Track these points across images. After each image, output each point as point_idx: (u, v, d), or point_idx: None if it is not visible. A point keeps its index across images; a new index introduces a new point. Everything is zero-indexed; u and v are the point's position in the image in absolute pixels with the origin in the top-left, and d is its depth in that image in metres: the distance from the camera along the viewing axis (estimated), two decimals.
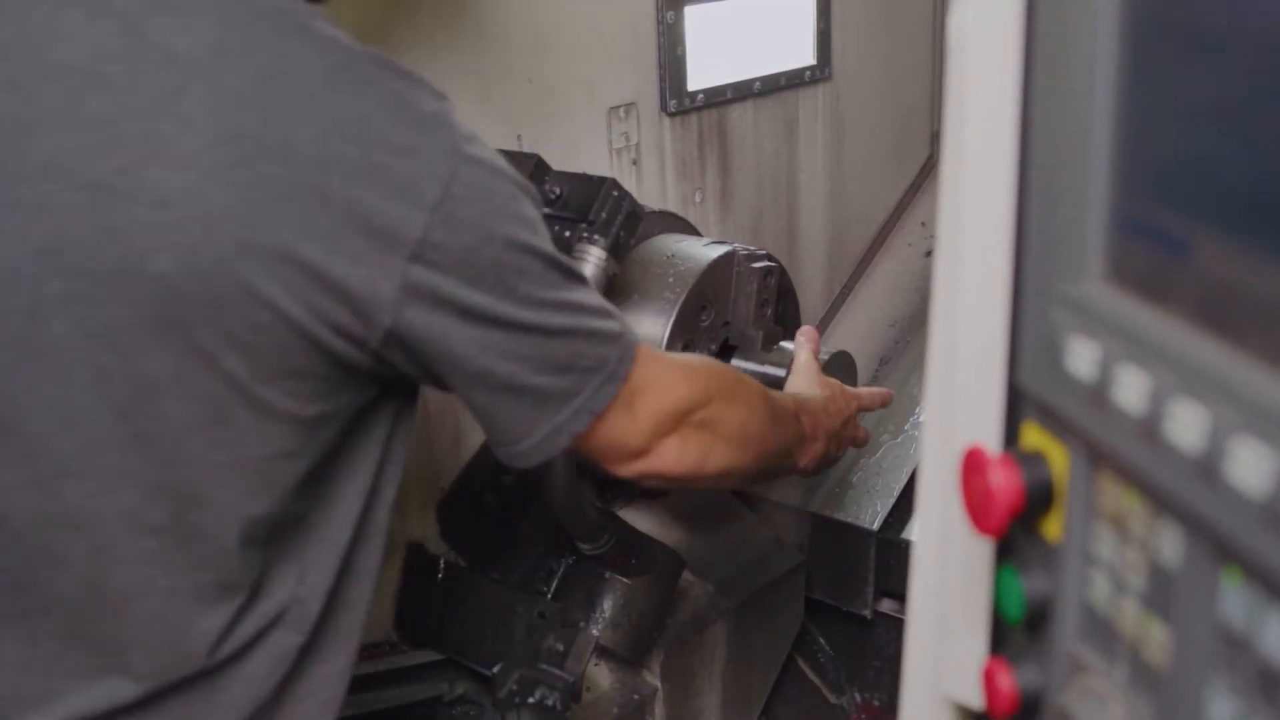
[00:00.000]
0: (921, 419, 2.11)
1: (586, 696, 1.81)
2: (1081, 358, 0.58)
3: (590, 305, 1.10)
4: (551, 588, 1.76)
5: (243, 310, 0.94)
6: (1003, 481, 0.61)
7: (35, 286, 0.93)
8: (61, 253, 0.92)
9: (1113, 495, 0.58)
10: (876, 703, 2.18)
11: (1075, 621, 0.62)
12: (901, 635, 0.78)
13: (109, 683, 1.02)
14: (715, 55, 2.08)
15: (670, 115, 2.01)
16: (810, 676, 2.26)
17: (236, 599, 1.04)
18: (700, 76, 2.05)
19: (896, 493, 2.11)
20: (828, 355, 1.84)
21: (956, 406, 0.69)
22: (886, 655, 2.14)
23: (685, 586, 1.96)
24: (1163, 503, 0.54)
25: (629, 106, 1.95)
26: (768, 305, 1.88)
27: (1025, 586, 0.64)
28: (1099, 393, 0.56)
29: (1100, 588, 0.60)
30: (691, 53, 2.02)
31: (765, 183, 2.24)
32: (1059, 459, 0.62)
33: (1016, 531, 0.65)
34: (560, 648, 1.76)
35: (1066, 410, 0.60)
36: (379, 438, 1.11)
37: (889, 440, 2.20)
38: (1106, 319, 0.57)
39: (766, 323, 1.88)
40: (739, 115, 2.15)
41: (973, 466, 0.62)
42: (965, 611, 0.71)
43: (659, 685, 1.89)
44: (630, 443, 1.18)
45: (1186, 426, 0.51)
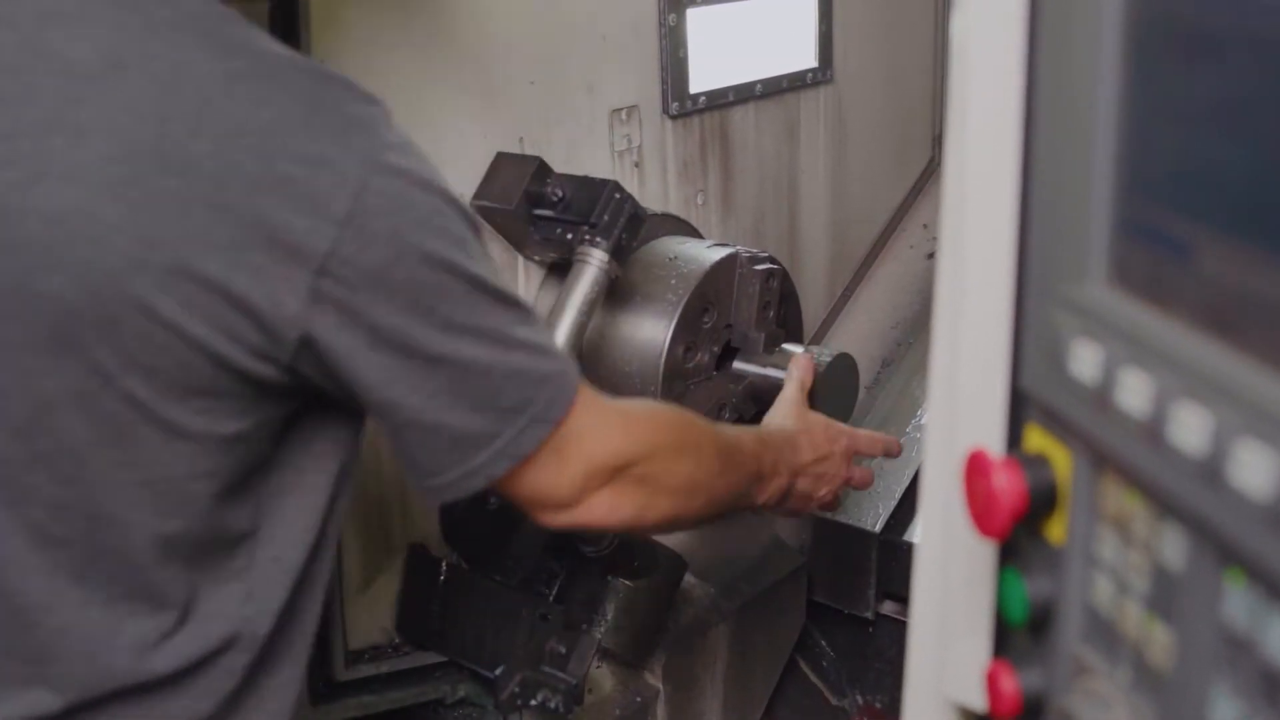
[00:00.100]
0: (923, 421, 2.11)
1: (588, 699, 1.81)
2: (1085, 360, 0.58)
3: (522, 339, 1.02)
4: (554, 590, 1.76)
5: (140, 329, 0.91)
6: (1006, 484, 0.61)
7: None
8: None
9: (1116, 497, 0.58)
10: (878, 705, 2.18)
11: (1078, 623, 0.62)
12: (903, 638, 0.78)
13: (32, 693, 0.99)
14: (717, 58, 2.08)
15: (672, 118, 2.01)
16: (812, 679, 2.26)
17: (164, 614, 1.01)
18: (702, 79, 2.05)
19: (898, 495, 2.11)
20: (830, 357, 1.84)
21: (959, 409, 0.69)
22: (888, 658, 2.14)
23: (687, 589, 1.96)
24: (1166, 505, 0.55)
25: (631, 109, 1.95)
26: (770, 307, 1.88)
27: (1028, 588, 0.64)
28: (1102, 395, 0.56)
29: (1103, 590, 0.60)
30: (693, 55, 2.02)
31: (767, 185, 2.24)
32: (1062, 461, 0.62)
33: (1019, 534, 0.65)
34: (562, 650, 1.76)
35: (1070, 413, 0.60)
36: (331, 452, 1.06)
37: None
38: (1109, 321, 0.57)
39: (769, 325, 1.88)
40: (741, 118, 2.15)
41: (976, 469, 0.62)
42: (968, 613, 0.71)
43: (661, 687, 1.89)
44: (556, 493, 1.09)
45: (1189, 429, 0.51)
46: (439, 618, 1.79)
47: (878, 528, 2.08)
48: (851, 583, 2.12)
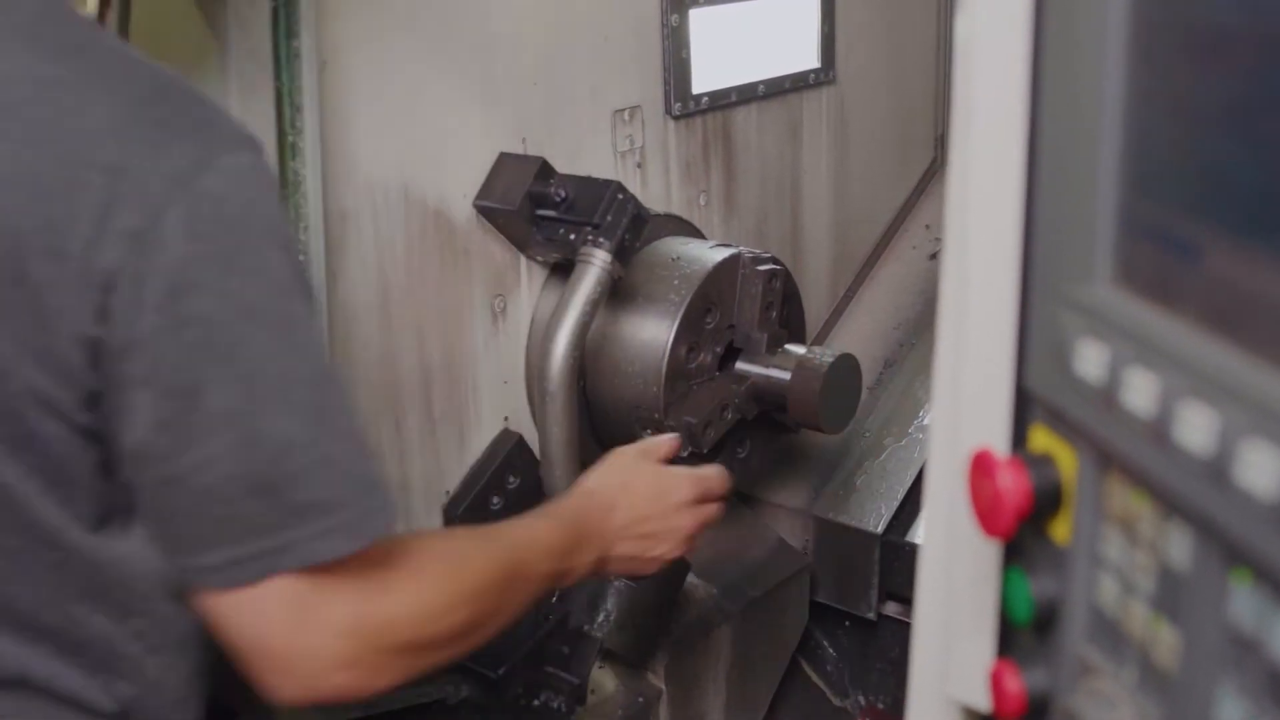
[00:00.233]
0: (926, 421, 2.11)
1: (591, 699, 1.81)
2: (1090, 360, 0.58)
3: (335, 409, 0.90)
4: (556, 591, 1.75)
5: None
6: (1011, 484, 0.61)
7: None
8: None
9: (1121, 497, 0.58)
10: (881, 706, 2.18)
11: (1084, 623, 0.62)
12: (906, 638, 0.78)
13: None
14: (720, 58, 2.08)
15: (675, 118, 2.02)
16: (814, 679, 2.27)
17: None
18: (705, 79, 2.05)
19: (901, 496, 2.11)
20: (833, 358, 1.84)
21: (964, 409, 0.69)
22: (891, 658, 2.14)
23: (690, 589, 1.96)
24: (1172, 505, 0.54)
25: (634, 109, 1.95)
26: (772, 308, 1.88)
27: (1033, 588, 0.64)
28: (1108, 395, 0.56)
29: (1109, 590, 0.60)
30: (696, 56, 2.02)
31: (769, 186, 2.24)
32: (1067, 461, 0.62)
33: (1025, 533, 0.64)
34: (565, 651, 1.76)
35: (1075, 413, 0.60)
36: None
37: (893, 443, 2.20)
38: (1115, 322, 0.57)
39: (771, 325, 1.88)
40: (743, 118, 2.15)
41: (981, 469, 0.62)
42: (972, 613, 0.71)
43: (663, 688, 1.89)
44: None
45: (1196, 429, 0.51)
46: None
47: (880, 529, 2.08)
48: (854, 583, 2.12)
